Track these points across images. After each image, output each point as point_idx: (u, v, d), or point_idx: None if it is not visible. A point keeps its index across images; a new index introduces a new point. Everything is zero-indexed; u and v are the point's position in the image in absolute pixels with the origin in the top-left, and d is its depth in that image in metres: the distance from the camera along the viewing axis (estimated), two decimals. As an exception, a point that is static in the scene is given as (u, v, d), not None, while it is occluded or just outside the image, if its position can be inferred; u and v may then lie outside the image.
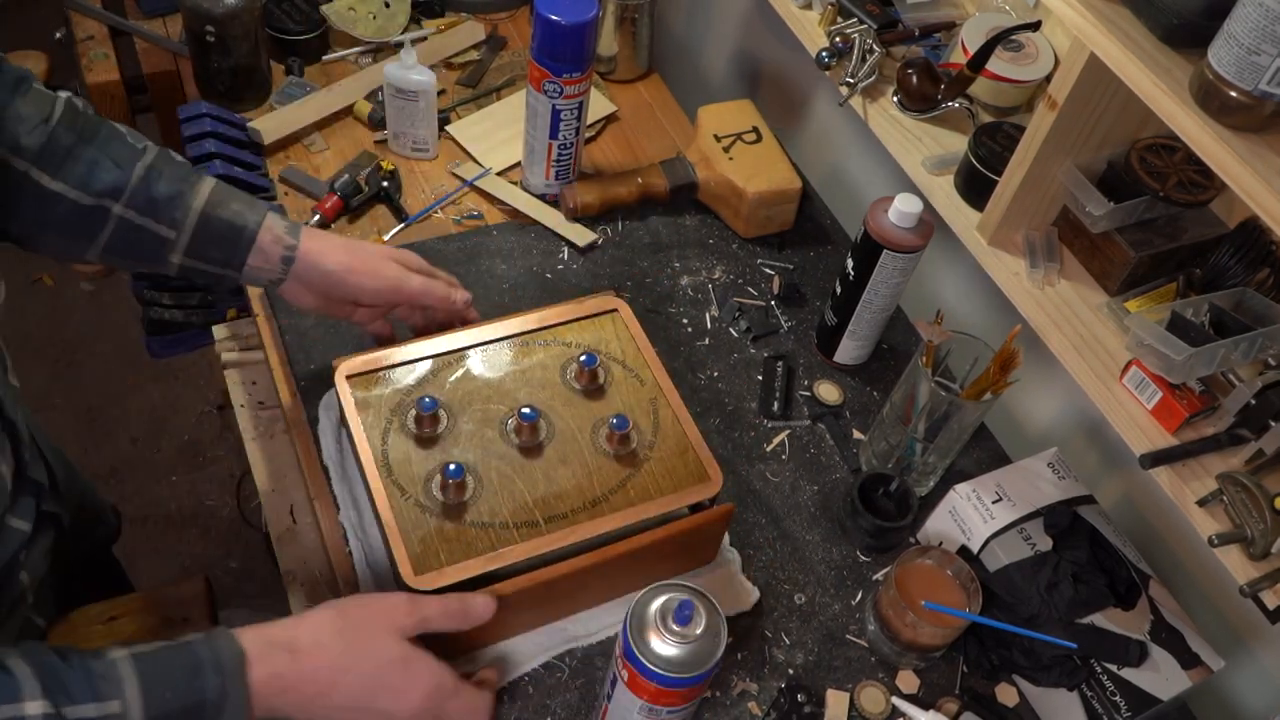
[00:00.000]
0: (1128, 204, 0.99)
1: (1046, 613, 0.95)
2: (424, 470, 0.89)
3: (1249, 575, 0.88)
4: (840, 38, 1.19)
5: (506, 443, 0.92)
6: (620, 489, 0.91)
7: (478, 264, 1.22)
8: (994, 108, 1.16)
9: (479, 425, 0.93)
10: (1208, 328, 0.93)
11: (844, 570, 1.04)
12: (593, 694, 0.93)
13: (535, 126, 1.22)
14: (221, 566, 1.99)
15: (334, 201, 1.23)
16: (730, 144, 1.28)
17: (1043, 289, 1.05)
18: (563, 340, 1.00)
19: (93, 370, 2.27)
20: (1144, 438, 0.96)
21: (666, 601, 0.77)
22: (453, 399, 0.94)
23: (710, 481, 0.92)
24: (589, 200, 1.26)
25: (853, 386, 1.19)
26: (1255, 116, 0.76)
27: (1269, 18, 0.71)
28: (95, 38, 1.47)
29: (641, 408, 0.96)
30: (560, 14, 1.11)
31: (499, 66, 1.46)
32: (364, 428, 0.91)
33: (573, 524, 0.88)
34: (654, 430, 0.95)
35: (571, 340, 1.00)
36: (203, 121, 1.24)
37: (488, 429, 0.93)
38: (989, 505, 1.00)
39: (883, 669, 0.98)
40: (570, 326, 1.01)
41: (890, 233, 1.05)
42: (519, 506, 0.89)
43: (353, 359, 0.94)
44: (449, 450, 0.91)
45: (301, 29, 1.38)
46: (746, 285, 1.26)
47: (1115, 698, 0.93)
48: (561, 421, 0.94)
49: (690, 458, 0.94)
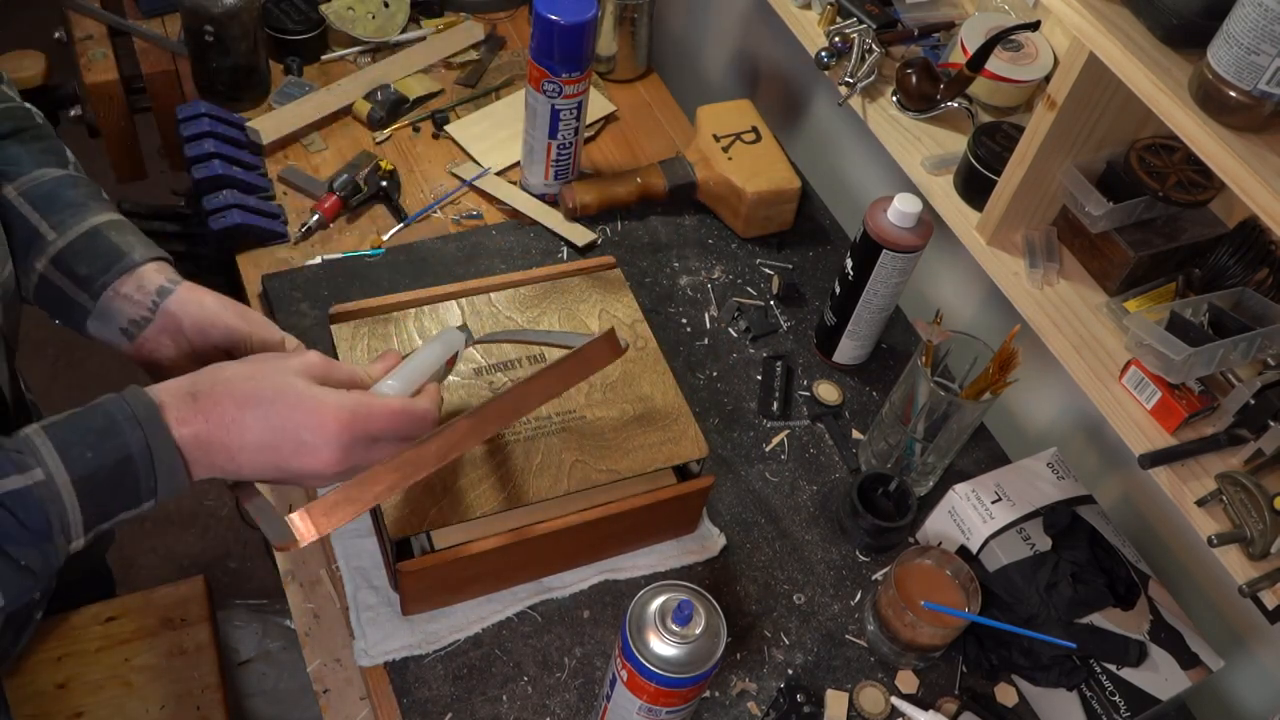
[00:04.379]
0: (1127, 204, 0.99)
1: (1046, 613, 0.95)
2: None
3: (1248, 575, 0.88)
4: (840, 38, 1.19)
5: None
6: (608, 447, 0.92)
7: (477, 264, 1.22)
8: (993, 107, 1.16)
9: (467, 377, 0.95)
10: (1207, 328, 0.93)
11: (843, 570, 1.04)
12: (592, 694, 0.93)
13: (534, 126, 1.22)
14: (220, 567, 1.99)
15: (333, 201, 1.23)
16: (729, 144, 1.28)
17: (1042, 289, 1.05)
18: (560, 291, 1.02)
19: (92, 370, 2.27)
20: (1143, 438, 0.96)
21: (666, 601, 0.77)
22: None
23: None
24: (588, 200, 1.26)
25: (852, 386, 1.19)
26: (1254, 116, 0.76)
27: (1268, 18, 0.71)
28: (94, 37, 1.47)
29: (634, 369, 0.98)
30: (559, 14, 1.11)
31: (498, 66, 1.46)
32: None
33: (558, 481, 0.90)
34: (647, 394, 0.97)
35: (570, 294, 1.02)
36: (201, 121, 1.24)
37: (478, 380, 0.94)
38: (988, 505, 1.00)
39: (882, 669, 0.98)
40: (570, 280, 1.03)
41: (889, 232, 1.05)
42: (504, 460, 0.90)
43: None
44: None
45: (300, 29, 1.38)
46: (746, 285, 1.26)
47: (1114, 698, 0.93)
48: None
49: (681, 423, 0.95)
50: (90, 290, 0.80)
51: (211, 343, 0.82)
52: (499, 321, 0.99)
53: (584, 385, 0.95)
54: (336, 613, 0.99)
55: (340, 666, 0.97)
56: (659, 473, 0.95)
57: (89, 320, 0.82)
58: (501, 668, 0.93)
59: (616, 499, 0.92)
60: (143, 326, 0.81)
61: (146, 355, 0.83)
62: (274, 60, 1.38)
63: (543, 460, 0.90)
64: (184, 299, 0.81)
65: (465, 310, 0.99)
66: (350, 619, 0.95)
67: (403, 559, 0.87)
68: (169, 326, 0.81)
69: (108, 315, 0.81)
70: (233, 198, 1.19)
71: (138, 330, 0.81)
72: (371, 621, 0.94)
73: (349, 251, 1.22)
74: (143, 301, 0.81)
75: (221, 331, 0.81)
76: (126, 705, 1.22)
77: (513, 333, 0.98)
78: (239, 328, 0.81)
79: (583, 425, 0.93)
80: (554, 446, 0.91)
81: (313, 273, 1.18)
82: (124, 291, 0.80)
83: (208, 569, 1.93)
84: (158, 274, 0.82)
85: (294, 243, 1.22)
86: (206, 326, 0.81)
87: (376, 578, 0.97)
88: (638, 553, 1.02)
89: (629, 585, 1.00)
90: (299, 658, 1.30)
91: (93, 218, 0.82)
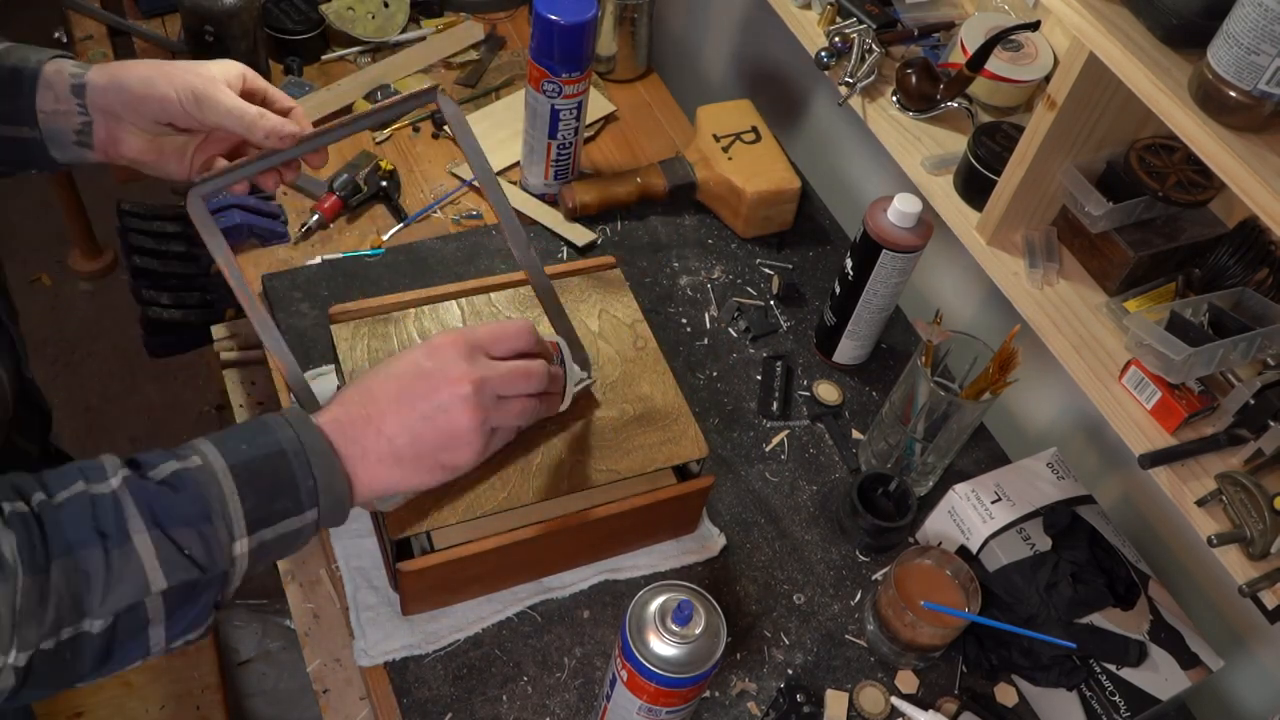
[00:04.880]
0: (1127, 204, 0.99)
1: (1045, 613, 0.95)
2: None
3: (1248, 575, 0.88)
4: (839, 37, 1.19)
5: None
6: (608, 447, 0.92)
7: (477, 264, 1.22)
8: (993, 107, 1.16)
9: None
10: (1207, 328, 0.93)
11: (843, 570, 1.04)
12: (592, 694, 0.93)
13: (534, 126, 1.22)
14: (220, 566, 1.98)
15: (333, 201, 1.23)
16: (729, 144, 1.28)
17: (1042, 289, 1.05)
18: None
19: (91, 370, 2.27)
20: (1143, 437, 0.96)
21: (666, 601, 0.77)
22: None
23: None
24: (588, 200, 1.26)
25: (852, 386, 1.19)
26: (1254, 116, 0.76)
27: (1268, 17, 0.71)
28: (94, 37, 1.47)
29: (634, 369, 0.98)
30: (559, 14, 1.11)
31: (498, 66, 1.46)
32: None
33: (558, 480, 0.89)
34: (646, 392, 0.96)
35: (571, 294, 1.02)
36: (201, 121, 1.24)
37: None
38: (988, 505, 1.00)
39: (882, 669, 0.98)
40: (570, 280, 1.03)
41: (889, 232, 1.05)
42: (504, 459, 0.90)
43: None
44: None
45: (300, 28, 1.38)
46: (746, 285, 1.26)
47: (1114, 698, 0.93)
48: None
49: (681, 423, 0.95)
50: (24, 120, 0.79)
51: (151, 118, 0.80)
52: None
53: None
54: (336, 613, 0.99)
55: (340, 666, 0.98)
56: (659, 473, 0.95)
57: (50, 151, 0.81)
58: (501, 668, 0.93)
59: (616, 499, 0.92)
60: (89, 132, 0.80)
61: (118, 156, 0.81)
62: (274, 60, 1.38)
63: (543, 460, 0.90)
64: (103, 87, 0.79)
65: (465, 310, 0.99)
66: (350, 619, 0.95)
67: (403, 559, 0.87)
68: (110, 121, 0.80)
69: (55, 136, 0.80)
70: (233, 198, 1.19)
71: (88, 137, 0.80)
72: (371, 621, 0.94)
73: (349, 251, 1.22)
74: (69, 110, 0.79)
75: (154, 104, 0.79)
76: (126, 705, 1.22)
77: None
78: (166, 92, 0.78)
79: (582, 425, 0.93)
80: (554, 446, 0.91)
81: (313, 273, 1.18)
82: (47, 108, 0.79)
83: (208, 569, 1.93)
84: (59, 74, 0.79)
85: (294, 243, 1.22)
86: (137, 104, 0.79)
87: (376, 578, 0.97)
88: (638, 553, 1.02)
89: (629, 585, 1.00)
90: (299, 658, 1.30)
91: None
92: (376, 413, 0.72)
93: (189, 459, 0.66)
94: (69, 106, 0.79)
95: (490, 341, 0.76)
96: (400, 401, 0.72)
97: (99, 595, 0.61)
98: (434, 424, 0.72)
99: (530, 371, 0.77)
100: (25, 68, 0.79)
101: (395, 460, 0.72)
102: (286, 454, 0.68)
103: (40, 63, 0.79)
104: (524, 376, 0.77)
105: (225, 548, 0.65)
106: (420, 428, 0.72)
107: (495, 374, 0.75)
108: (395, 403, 0.72)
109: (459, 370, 0.73)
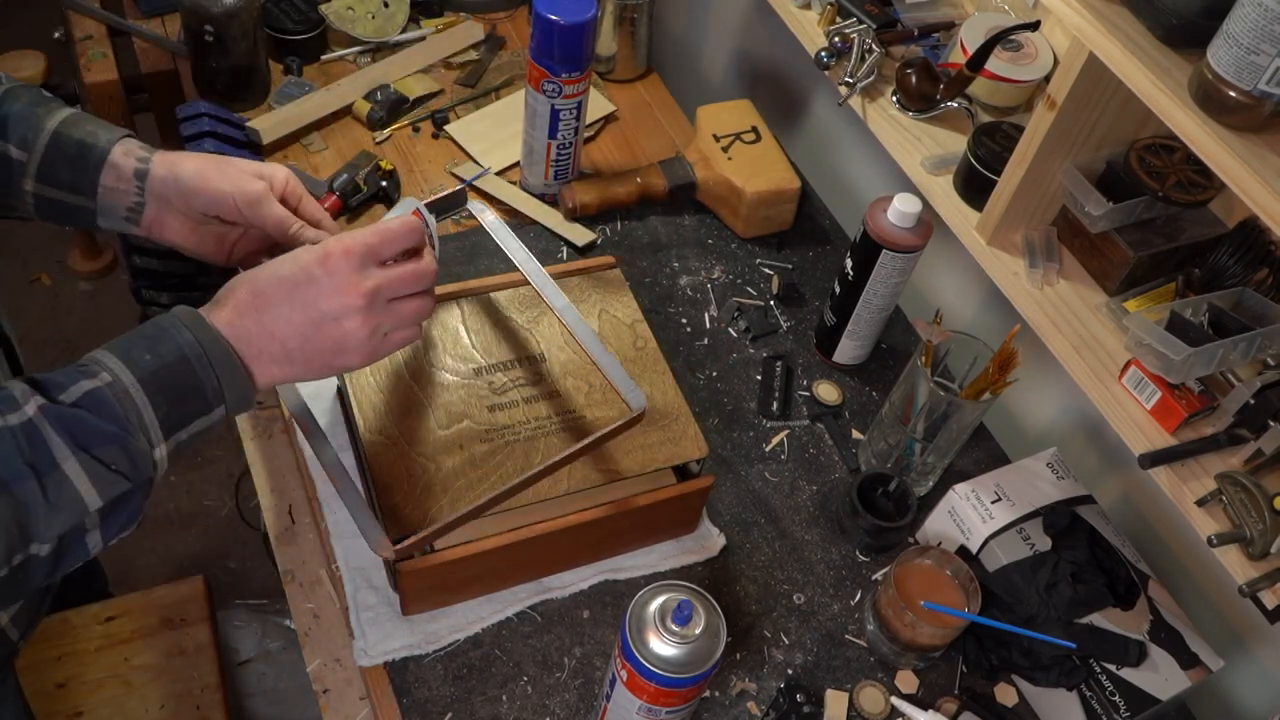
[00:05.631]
0: (1127, 204, 0.99)
1: (1045, 613, 0.95)
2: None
3: (1248, 575, 0.88)
4: (839, 37, 1.19)
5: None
6: (608, 447, 0.92)
7: (476, 264, 1.22)
8: (993, 107, 1.16)
9: (467, 376, 0.95)
10: (1207, 327, 0.93)
11: (843, 570, 1.04)
12: (592, 694, 0.93)
13: (534, 126, 1.22)
14: (220, 567, 1.99)
15: (333, 201, 1.23)
16: (729, 144, 1.28)
17: (1042, 289, 1.05)
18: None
19: (91, 370, 2.26)
20: (1143, 437, 0.96)
21: (666, 601, 0.77)
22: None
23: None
24: (588, 200, 1.26)
25: (852, 386, 1.19)
26: (1254, 116, 0.76)
27: (1268, 18, 0.71)
28: (94, 37, 1.47)
29: (634, 369, 0.98)
30: (559, 14, 1.11)
31: (498, 66, 1.46)
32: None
33: (558, 480, 0.90)
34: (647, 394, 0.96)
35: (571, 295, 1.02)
36: (201, 121, 1.24)
37: (478, 379, 0.95)
38: (988, 505, 1.00)
39: (882, 669, 0.98)
40: (570, 280, 1.03)
41: (889, 232, 1.05)
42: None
43: None
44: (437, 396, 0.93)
45: (300, 28, 1.38)
46: (745, 285, 1.26)
47: (1114, 698, 0.93)
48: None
49: (681, 423, 0.95)
50: (83, 191, 0.83)
51: (200, 210, 0.84)
52: (499, 321, 0.99)
53: (583, 385, 0.96)
54: (336, 613, 0.99)
55: (340, 666, 0.98)
56: (659, 473, 0.95)
57: (97, 219, 0.85)
58: (501, 668, 0.93)
59: (616, 499, 0.92)
60: (140, 211, 0.85)
61: (159, 236, 0.86)
62: (274, 60, 1.38)
63: (543, 460, 0.90)
64: (162, 178, 0.84)
65: (465, 310, 0.99)
66: (350, 619, 0.95)
67: (403, 559, 0.87)
68: (161, 206, 0.84)
69: (108, 209, 0.85)
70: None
71: (138, 215, 0.85)
72: (371, 621, 0.94)
73: (349, 251, 1.21)
74: (128, 190, 0.84)
75: (206, 199, 0.84)
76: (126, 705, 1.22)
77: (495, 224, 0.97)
78: (221, 189, 0.84)
79: (583, 425, 0.93)
80: (554, 446, 0.91)
81: (312, 273, 1.18)
82: (108, 184, 0.83)
83: (207, 569, 1.93)
84: (127, 157, 0.83)
85: (294, 243, 1.22)
86: (190, 197, 0.84)
87: (376, 578, 0.97)
88: (637, 553, 1.02)
89: (629, 585, 1.00)
90: (299, 658, 1.30)
91: (48, 122, 0.83)
92: (269, 317, 0.74)
93: (98, 375, 0.68)
94: (129, 187, 0.84)
95: (381, 245, 0.77)
96: (291, 306, 0.74)
97: (42, 523, 0.65)
98: (324, 331, 0.75)
99: (420, 272, 0.78)
100: (96, 145, 0.83)
101: (287, 360, 0.75)
102: (189, 359, 0.70)
103: (110, 143, 0.83)
104: (414, 278, 0.78)
105: (147, 456, 0.69)
106: (310, 333, 0.74)
107: (386, 280, 0.76)
108: (287, 306, 0.74)
109: (349, 281, 0.75)
